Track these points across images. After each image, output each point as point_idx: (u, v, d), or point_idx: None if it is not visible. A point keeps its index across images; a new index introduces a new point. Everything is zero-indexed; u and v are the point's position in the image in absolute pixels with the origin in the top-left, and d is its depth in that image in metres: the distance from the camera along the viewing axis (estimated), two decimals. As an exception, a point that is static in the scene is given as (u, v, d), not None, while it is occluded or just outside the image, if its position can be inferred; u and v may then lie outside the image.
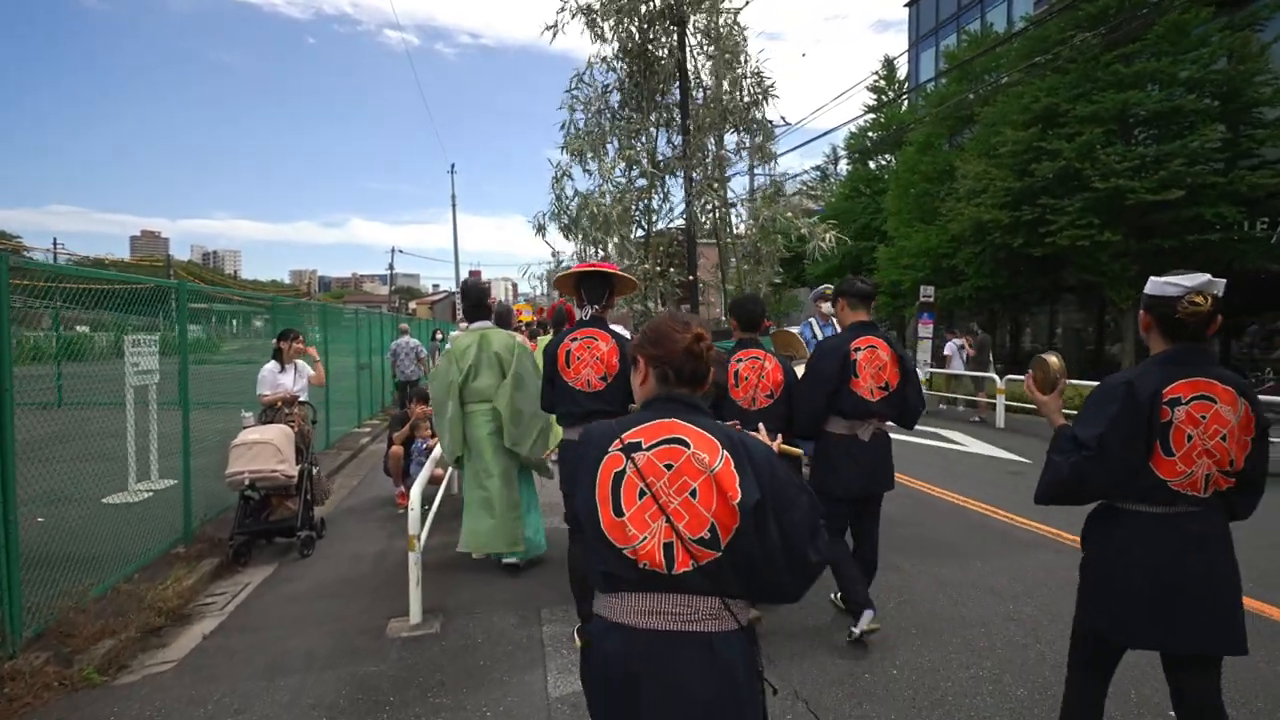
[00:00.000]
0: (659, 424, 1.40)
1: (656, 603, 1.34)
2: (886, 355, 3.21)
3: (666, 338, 1.45)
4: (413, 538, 3.61)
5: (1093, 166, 12.09)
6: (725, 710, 1.31)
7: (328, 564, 4.72)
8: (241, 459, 4.72)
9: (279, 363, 5.69)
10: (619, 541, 1.34)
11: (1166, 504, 1.84)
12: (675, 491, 1.33)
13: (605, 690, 1.38)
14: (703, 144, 6.57)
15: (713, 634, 1.33)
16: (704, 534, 1.31)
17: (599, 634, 1.40)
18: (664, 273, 6.98)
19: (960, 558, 4.38)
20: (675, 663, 1.31)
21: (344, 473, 7.84)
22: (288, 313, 10.73)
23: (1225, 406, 1.80)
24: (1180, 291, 1.81)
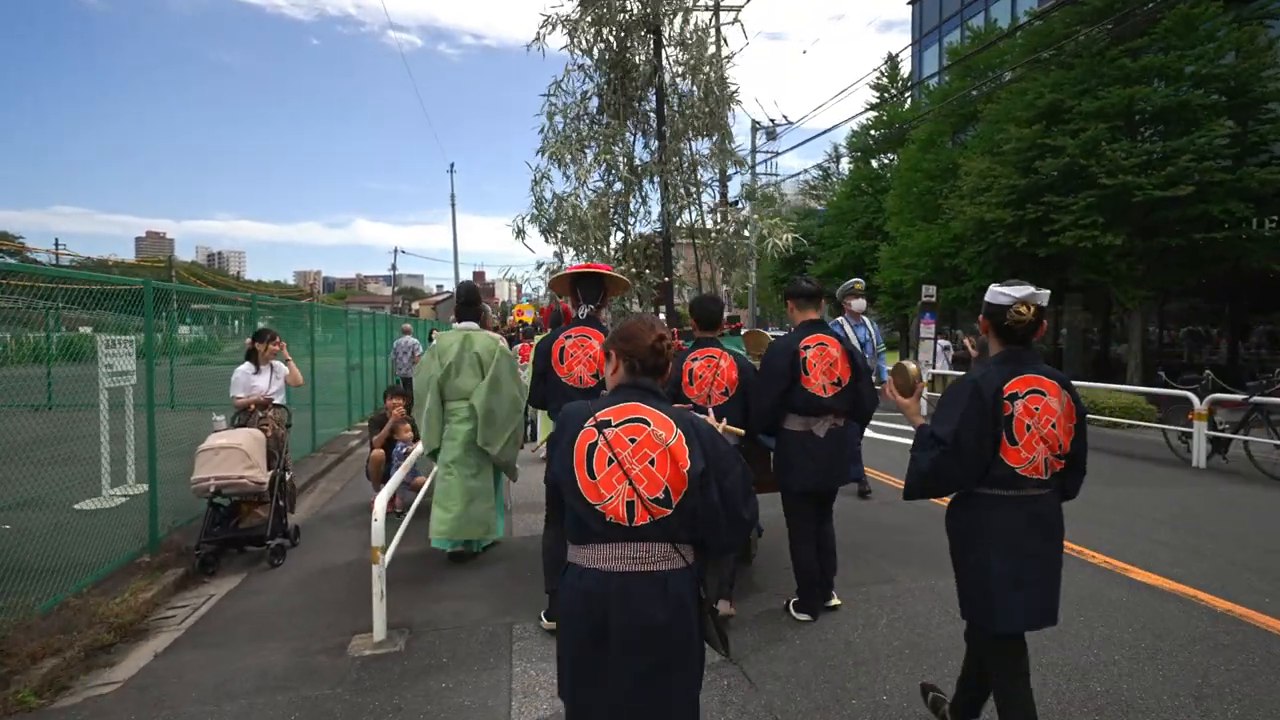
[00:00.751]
0: (626, 406, 1.70)
1: (621, 550, 1.64)
2: (836, 352, 3.34)
3: (635, 336, 1.76)
4: (376, 550, 3.41)
5: (1098, 163, 11.85)
6: (677, 631, 1.63)
7: (298, 574, 4.53)
8: (207, 465, 4.53)
9: (253, 364, 5.51)
10: (592, 499, 1.64)
11: (1017, 488, 2.07)
12: (637, 460, 1.63)
13: (583, 621, 1.65)
14: (678, 149, 6.62)
15: (666, 572, 1.64)
16: (659, 494, 1.62)
17: (575, 576, 1.69)
18: (641, 274, 6.98)
19: (959, 570, 4.16)
20: (637, 596, 1.61)
21: (328, 476, 7.66)
22: (273, 313, 10.59)
23: (1052, 398, 2.06)
24: (1009, 301, 2.06)
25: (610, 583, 1.63)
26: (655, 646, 1.62)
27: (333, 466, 8.07)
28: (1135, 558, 4.32)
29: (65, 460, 5.50)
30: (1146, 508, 5.63)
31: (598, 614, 1.63)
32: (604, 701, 1.65)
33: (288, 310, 10.25)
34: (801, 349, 3.32)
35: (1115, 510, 5.56)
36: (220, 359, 13.00)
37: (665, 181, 6.55)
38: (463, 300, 4.64)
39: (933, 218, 16.66)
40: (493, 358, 4.34)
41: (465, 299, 4.63)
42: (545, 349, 3.54)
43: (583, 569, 1.68)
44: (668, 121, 6.60)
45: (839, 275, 21.65)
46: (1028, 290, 2.07)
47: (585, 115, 6.74)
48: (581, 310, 3.61)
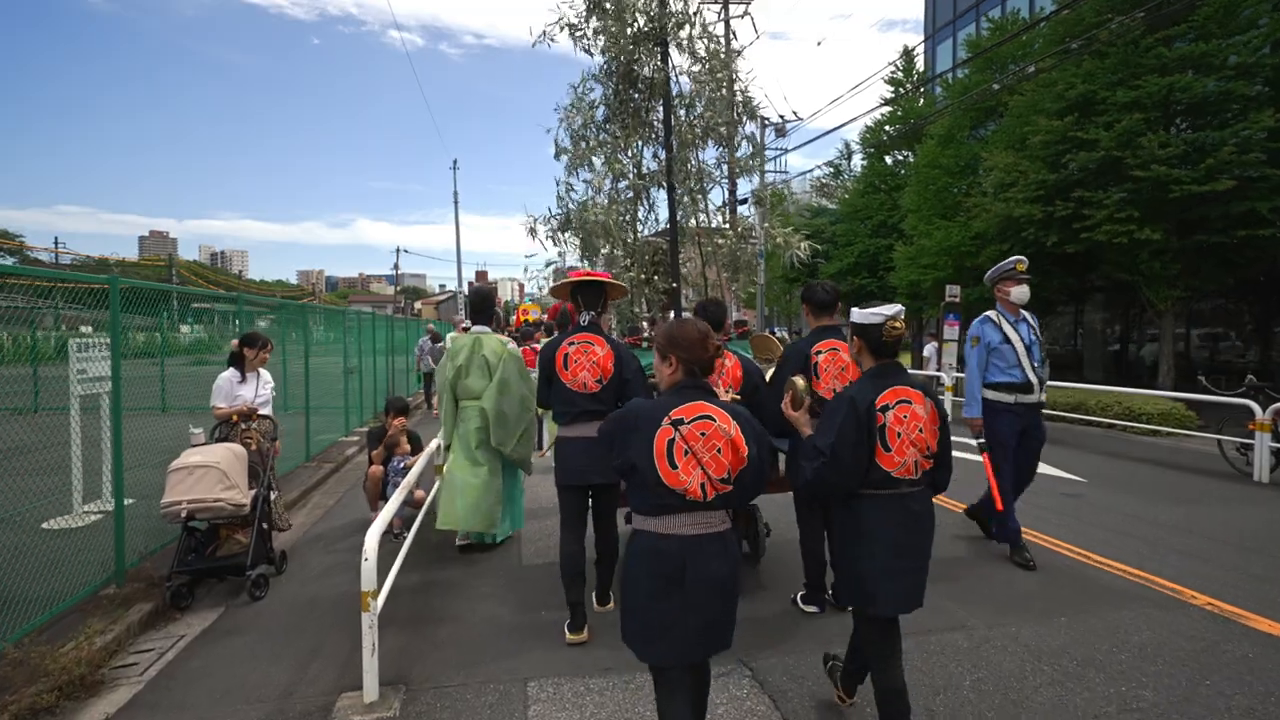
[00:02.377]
0: (694, 405, 2.03)
1: (695, 518, 2.00)
2: (848, 356, 3.33)
3: (695, 344, 2.07)
4: (366, 596, 2.88)
5: (1134, 155, 11.27)
6: (733, 580, 2.05)
7: (281, 609, 4.01)
8: (179, 486, 4.01)
9: (239, 371, 4.99)
10: (674, 485, 1.97)
11: (893, 487, 2.27)
12: (708, 450, 1.99)
13: (660, 576, 1.98)
14: (686, 159, 6.43)
15: (724, 532, 2.04)
16: (725, 475, 2.00)
17: (654, 539, 2.00)
18: (649, 280, 6.74)
19: (1040, 613, 3.60)
20: (709, 554, 2.00)
21: (323, 489, 7.14)
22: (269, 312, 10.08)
23: (918, 406, 2.28)
24: (882, 320, 2.30)
25: (686, 545, 1.98)
26: (722, 592, 2.02)
27: (328, 478, 7.56)
28: (1247, 600, 3.72)
29: (44, 470, 5.01)
30: (1222, 530, 5.07)
31: (674, 568, 1.97)
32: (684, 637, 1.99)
33: (281, 309, 9.73)
34: (814, 353, 3.47)
35: (1188, 533, 5.01)
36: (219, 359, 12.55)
37: (672, 190, 6.33)
38: (475, 305, 4.75)
39: (952, 215, 16.07)
40: (499, 360, 4.47)
41: (478, 304, 4.73)
42: (549, 356, 3.63)
43: (661, 534, 2.00)
44: (675, 133, 6.40)
45: (852, 274, 21.07)
46: (897, 308, 2.34)
47: (592, 124, 6.56)
48: (584, 317, 3.70)
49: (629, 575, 2.05)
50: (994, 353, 4.40)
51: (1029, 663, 3.06)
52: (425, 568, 4.61)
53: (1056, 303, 16.27)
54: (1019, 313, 4.47)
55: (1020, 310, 4.46)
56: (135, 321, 6.39)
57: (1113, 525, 5.25)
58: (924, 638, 3.32)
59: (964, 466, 7.03)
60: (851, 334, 2.43)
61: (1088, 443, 9.30)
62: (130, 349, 7.20)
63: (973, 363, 4.45)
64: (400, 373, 15.18)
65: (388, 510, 3.49)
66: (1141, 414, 10.10)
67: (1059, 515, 5.51)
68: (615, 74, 6.13)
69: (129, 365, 6.71)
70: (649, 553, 1.99)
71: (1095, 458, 8.20)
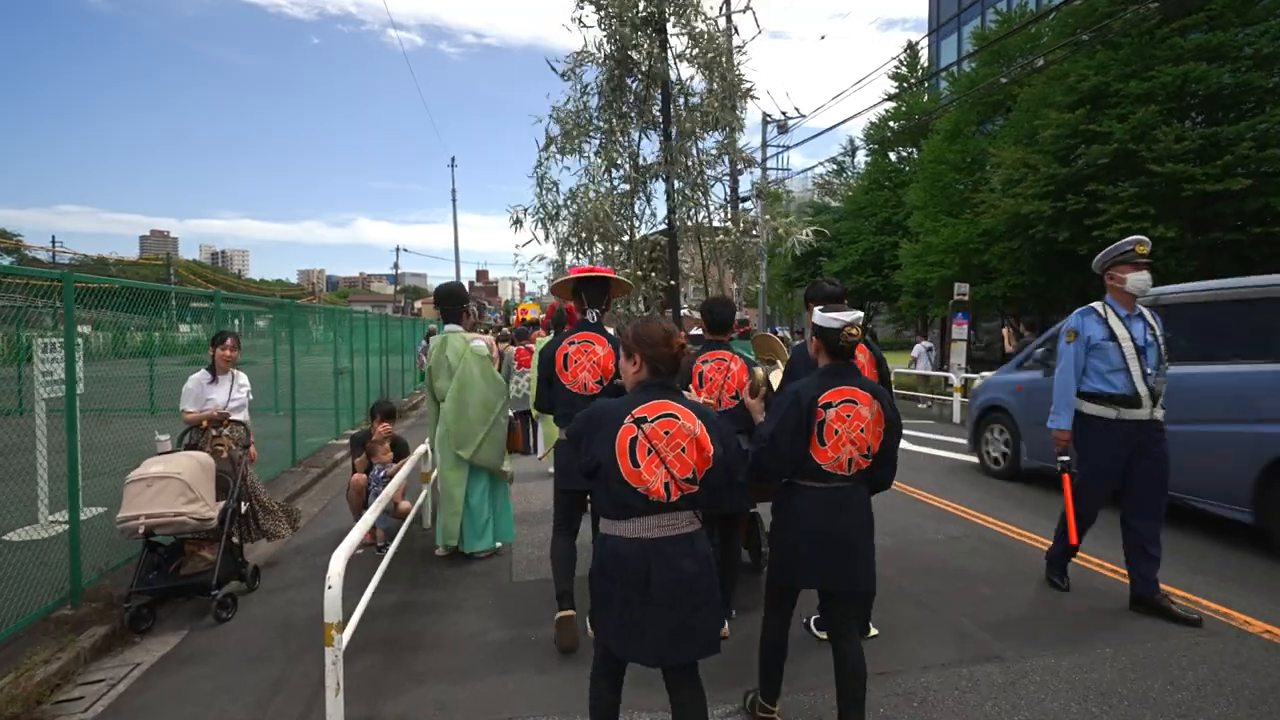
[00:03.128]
0: (657, 403, 2.04)
1: (660, 520, 2.01)
2: (864, 358, 3.19)
3: (659, 342, 2.09)
4: (330, 629, 2.56)
5: (1148, 149, 10.95)
6: (703, 579, 2.02)
7: (249, 633, 3.69)
8: (138, 499, 3.69)
9: (210, 372, 4.68)
10: (636, 484, 1.99)
11: (823, 481, 2.38)
12: (671, 449, 2.00)
13: (626, 580, 1.99)
14: (685, 149, 6.08)
15: (692, 533, 2.05)
16: (689, 475, 2.01)
17: (618, 545, 2.02)
18: (646, 277, 6.43)
19: (1079, 641, 3.27)
20: (673, 554, 2.00)
21: (307, 496, 6.83)
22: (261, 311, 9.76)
23: (864, 407, 2.36)
24: (840, 325, 2.39)
25: (651, 548, 1.98)
26: (690, 592, 1.98)
27: (313, 484, 7.25)
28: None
29: (16, 475, 4.71)
30: (1270, 547, 4.73)
31: (642, 571, 1.96)
32: (655, 639, 1.96)
33: (277, 309, 9.42)
34: None
35: (1233, 550, 4.68)
36: None
37: (671, 182, 5.98)
38: (440, 303, 4.65)
39: (959, 212, 15.75)
40: (460, 360, 4.36)
41: (443, 302, 4.63)
42: (549, 356, 3.47)
43: (625, 539, 2.00)
44: (675, 121, 6.07)
45: (856, 273, 20.75)
46: (855, 314, 2.42)
47: (585, 111, 6.21)
48: (590, 315, 3.55)
49: (596, 577, 2.09)
50: (1094, 351, 3.63)
51: (1075, 702, 2.73)
52: (406, 585, 4.29)
53: (1065, 301, 15.89)
54: (1134, 306, 3.63)
55: (1136, 303, 3.64)
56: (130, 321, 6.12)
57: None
58: (952, 670, 3.00)
59: (962, 471, 6.66)
60: (811, 333, 2.54)
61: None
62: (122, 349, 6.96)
63: (1066, 362, 3.72)
64: (395, 373, 14.85)
65: (359, 528, 3.17)
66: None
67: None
68: (613, 57, 5.79)
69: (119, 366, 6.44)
70: (612, 557, 2.02)
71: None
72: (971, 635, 3.33)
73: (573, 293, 3.66)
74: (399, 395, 14.45)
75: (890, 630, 3.38)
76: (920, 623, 3.49)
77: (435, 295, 4.85)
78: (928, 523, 5.31)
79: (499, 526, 4.76)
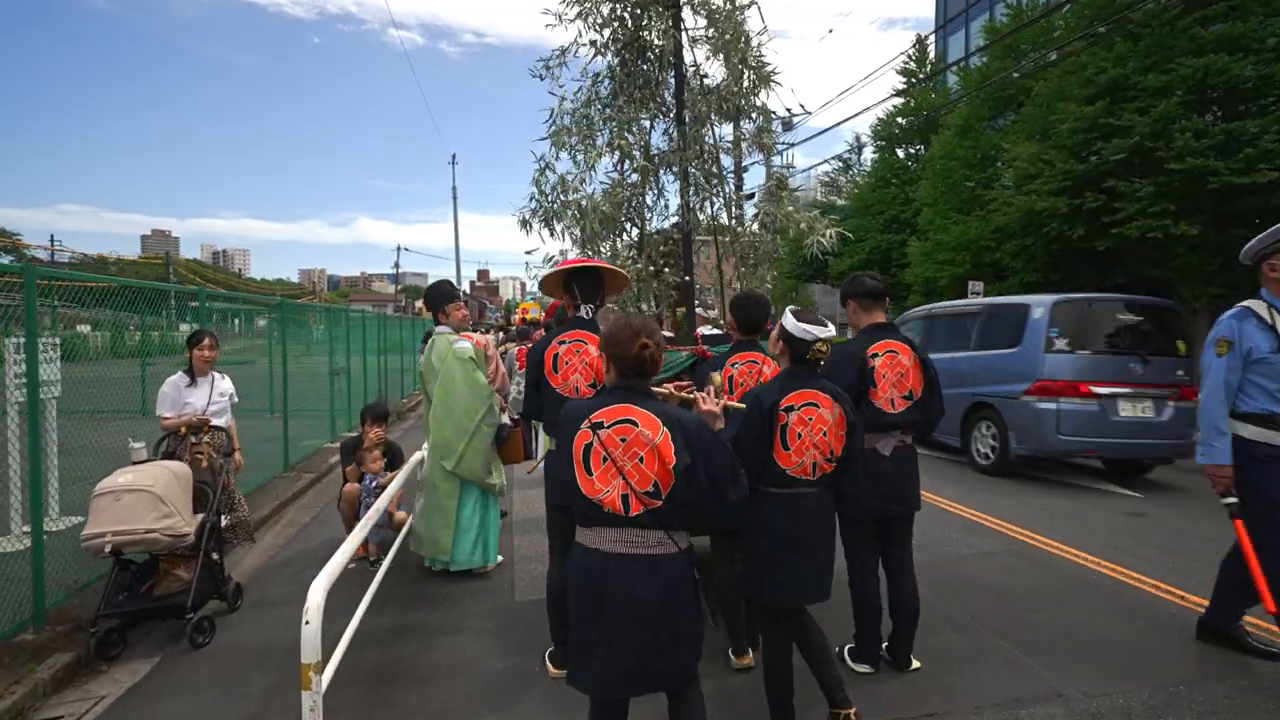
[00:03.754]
0: (617, 407, 1.89)
1: (619, 534, 1.86)
2: (909, 360, 2.94)
3: (621, 342, 1.94)
4: (307, 669, 2.24)
5: (1168, 145, 10.60)
6: (666, 609, 1.84)
7: (226, 661, 3.37)
8: (105, 514, 3.37)
9: (189, 375, 4.36)
10: (589, 493, 1.86)
11: (787, 486, 2.36)
12: (628, 458, 1.84)
13: (585, 593, 1.87)
14: (699, 136, 5.71)
15: (659, 556, 1.86)
16: (649, 488, 1.83)
17: (579, 555, 1.92)
18: (658, 273, 6.08)
19: (1148, 676, 2.93)
20: (631, 576, 1.83)
21: (299, 504, 6.51)
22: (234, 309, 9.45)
23: (825, 410, 2.35)
24: (812, 339, 2.36)
25: (608, 562, 1.85)
26: (647, 620, 1.82)
27: (306, 490, 6.94)
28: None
29: None
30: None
31: (596, 589, 1.85)
32: (604, 666, 1.84)
33: (279, 307, 9.10)
34: (870, 357, 2.92)
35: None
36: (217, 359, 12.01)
37: (685, 171, 5.63)
38: (428, 303, 4.42)
39: (970, 209, 15.41)
40: (442, 363, 4.17)
41: (429, 302, 4.40)
42: (538, 357, 3.14)
43: (586, 548, 1.91)
44: (689, 106, 5.72)
45: (862, 271, 20.42)
46: (830, 331, 2.36)
47: (597, 100, 5.87)
48: (584, 311, 3.18)
49: (567, 585, 2.00)
50: (1257, 367, 2.88)
51: (1155, 751, 2.41)
52: (400, 604, 3.97)
53: (1079, 301, 15.54)
54: None
55: None
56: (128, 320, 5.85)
57: (1195, 553, 4.57)
58: (1010, 712, 2.68)
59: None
60: (778, 337, 2.48)
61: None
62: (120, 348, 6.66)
63: (1216, 378, 2.97)
64: (395, 372, 14.54)
65: (344, 550, 2.85)
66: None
67: (1132, 541, 4.85)
68: (620, 40, 5.45)
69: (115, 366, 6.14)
70: (574, 566, 1.94)
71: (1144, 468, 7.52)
72: (1025, 668, 3.01)
73: (564, 287, 3.25)
74: (398, 396, 14.14)
75: (934, 661, 3.06)
76: (966, 653, 3.17)
77: (424, 295, 4.59)
78: (958, 535, 4.99)
79: (490, 544, 4.41)
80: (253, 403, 8.71)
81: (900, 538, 3.02)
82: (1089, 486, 6.61)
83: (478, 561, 4.34)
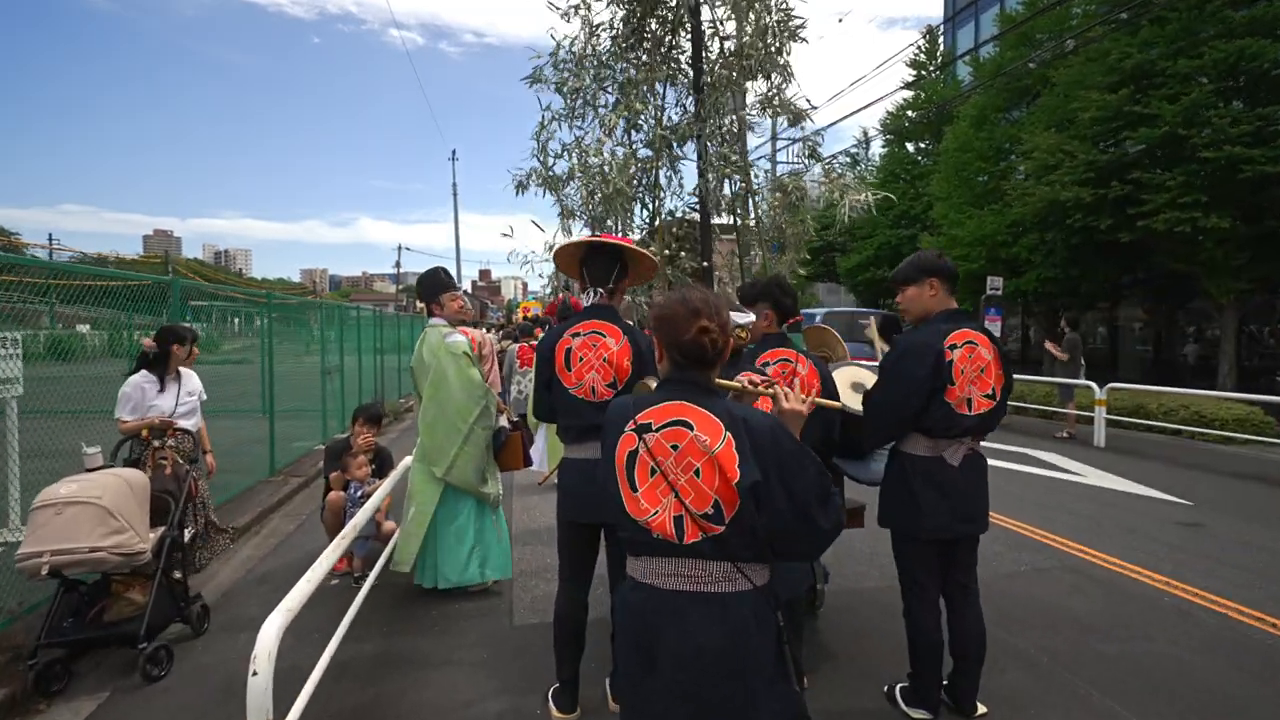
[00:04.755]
0: (668, 406, 1.50)
1: (675, 566, 1.46)
2: (989, 354, 2.50)
3: (676, 323, 1.52)
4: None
5: (1197, 134, 10.16)
6: (734, 661, 1.40)
7: (184, 697, 2.95)
8: (43, 529, 2.94)
9: (154, 373, 3.94)
10: (635, 514, 1.47)
11: None
12: (681, 470, 1.44)
13: (629, 644, 1.51)
14: (719, 103, 5.13)
15: (726, 594, 1.43)
16: (708, 510, 1.42)
17: (628, 591, 1.55)
18: (674, 258, 5.59)
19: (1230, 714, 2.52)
20: (691, 619, 1.43)
21: (283, 511, 6.09)
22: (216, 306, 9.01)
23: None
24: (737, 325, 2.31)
25: (662, 602, 1.46)
26: (708, 678, 1.41)
27: (293, 495, 6.51)
28: None
29: None
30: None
31: (648, 635, 1.47)
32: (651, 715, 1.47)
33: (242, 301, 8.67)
34: (948, 349, 2.44)
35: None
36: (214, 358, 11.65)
37: (703, 144, 5.13)
38: (420, 293, 4.05)
39: (985, 203, 14.97)
40: (434, 359, 3.78)
41: (422, 291, 4.04)
42: (548, 352, 2.68)
43: (636, 583, 1.53)
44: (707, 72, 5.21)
45: (872, 267, 19.99)
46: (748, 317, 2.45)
47: (593, 55, 5.32)
48: (588, 296, 2.74)
49: (615, 626, 1.69)
50: None
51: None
52: (385, 628, 3.54)
53: (1099, 297, 15.10)
54: None
55: None
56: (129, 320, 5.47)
57: (1270, 570, 4.12)
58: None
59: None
60: None
61: (1161, 452, 8.19)
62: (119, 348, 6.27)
63: None
64: (392, 371, 14.13)
65: (315, 571, 2.43)
66: (1214, 419, 9.00)
67: (1189, 556, 4.40)
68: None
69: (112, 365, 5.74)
70: (622, 605, 1.59)
71: (1184, 472, 7.08)
72: (1106, 712, 2.57)
73: (577, 266, 2.78)
74: (395, 397, 13.72)
75: (1001, 704, 2.63)
76: (1036, 694, 2.74)
77: (417, 284, 4.13)
78: (1001, 549, 4.54)
79: (490, 558, 3.96)
80: (241, 403, 8.32)
81: (965, 561, 2.58)
82: (1130, 492, 6.17)
83: (472, 578, 3.91)
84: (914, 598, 2.56)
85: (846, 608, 3.60)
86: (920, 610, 2.54)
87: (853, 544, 4.40)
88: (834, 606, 3.60)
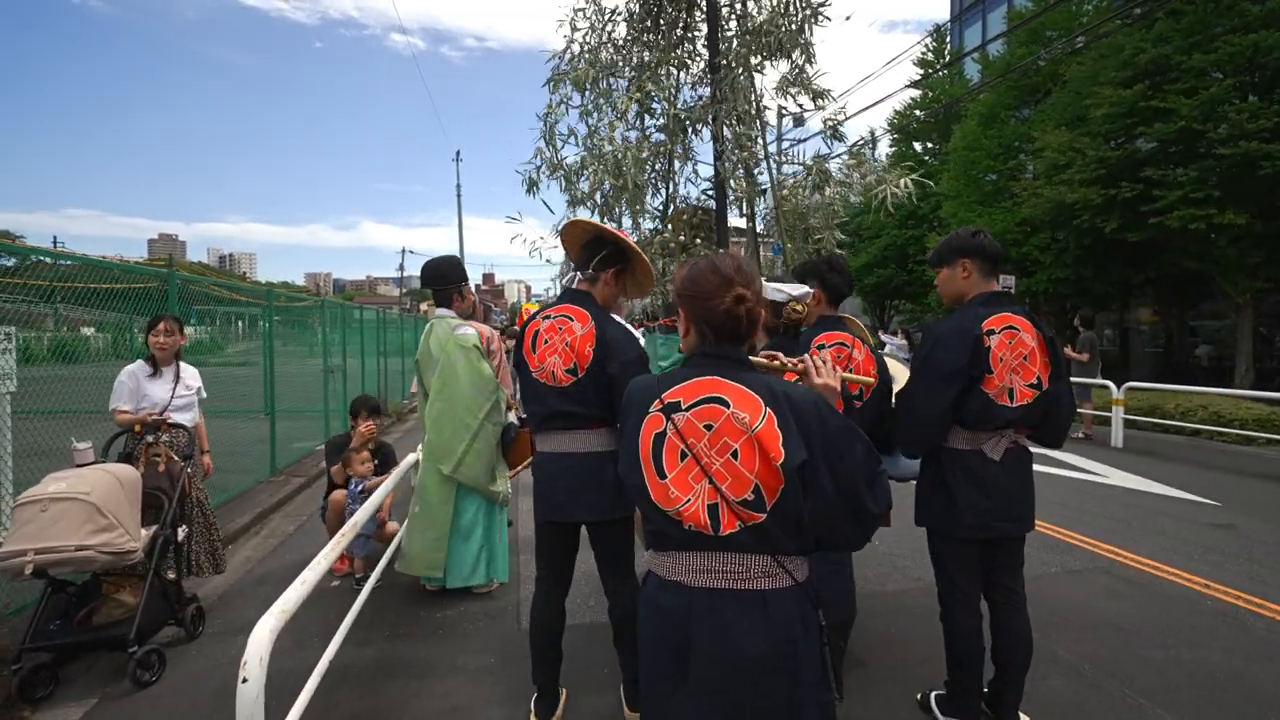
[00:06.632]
0: (699, 382, 1.36)
1: (708, 561, 1.32)
2: (1032, 339, 2.27)
3: (706, 292, 1.38)
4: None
5: (1214, 129, 9.98)
6: (777, 667, 1.29)
7: (175, 704, 2.80)
8: (27, 527, 2.79)
9: (150, 364, 3.80)
10: (663, 504, 1.33)
11: None
12: (716, 453, 1.30)
13: (659, 646, 1.37)
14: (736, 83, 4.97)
15: (766, 592, 1.31)
16: (748, 495, 1.28)
17: (653, 589, 1.40)
18: (688, 246, 5.43)
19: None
20: (728, 621, 1.30)
21: (284, 511, 5.95)
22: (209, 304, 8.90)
23: None
24: (786, 298, 2.27)
25: (694, 600, 1.32)
26: (751, 684, 1.28)
27: (294, 495, 6.37)
28: None
29: None
30: None
31: (677, 637, 1.33)
32: None
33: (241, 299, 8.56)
34: (985, 334, 2.25)
35: None
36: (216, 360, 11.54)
37: (720, 126, 4.97)
38: (427, 283, 3.78)
39: (994, 201, 14.79)
40: (442, 351, 3.60)
41: (429, 281, 3.75)
42: (521, 333, 2.59)
43: (663, 581, 1.38)
44: (722, 51, 5.06)
45: (880, 267, 19.80)
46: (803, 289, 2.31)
47: (609, 43, 5.18)
48: (570, 279, 2.73)
49: (638, 630, 1.49)
50: None
51: None
52: (387, 632, 3.39)
53: (1110, 297, 14.90)
54: None
55: None
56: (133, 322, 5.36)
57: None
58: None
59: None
60: None
61: (1181, 453, 7.99)
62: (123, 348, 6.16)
63: None
64: (395, 373, 14.00)
65: (311, 572, 2.27)
66: (1233, 419, 8.80)
67: (1226, 558, 4.22)
68: None
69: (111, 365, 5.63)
70: (648, 604, 1.43)
71: (1208, 473, 6.89)
72: (1148, 714, 2.40)
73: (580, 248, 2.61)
74: (399, 398, 13.58)
75: (1044, 714, 2.46)
76: (1081, 703, 2.57)
77: (422, 273, 3.86)
78: (1032, 550, 4.34)
79: (495, 558, 3.83)
80: (239, 403, 8.19)
81: (1009, 563, 2.40)
82: (1156, 492, 5.98)
83: (479, 579, 3.76)
84: (953, 601, 2.38)
85: (870, 611, 3.43)
86: (960, 615, 2.37)
87: (872, 544, 4.24)
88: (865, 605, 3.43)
